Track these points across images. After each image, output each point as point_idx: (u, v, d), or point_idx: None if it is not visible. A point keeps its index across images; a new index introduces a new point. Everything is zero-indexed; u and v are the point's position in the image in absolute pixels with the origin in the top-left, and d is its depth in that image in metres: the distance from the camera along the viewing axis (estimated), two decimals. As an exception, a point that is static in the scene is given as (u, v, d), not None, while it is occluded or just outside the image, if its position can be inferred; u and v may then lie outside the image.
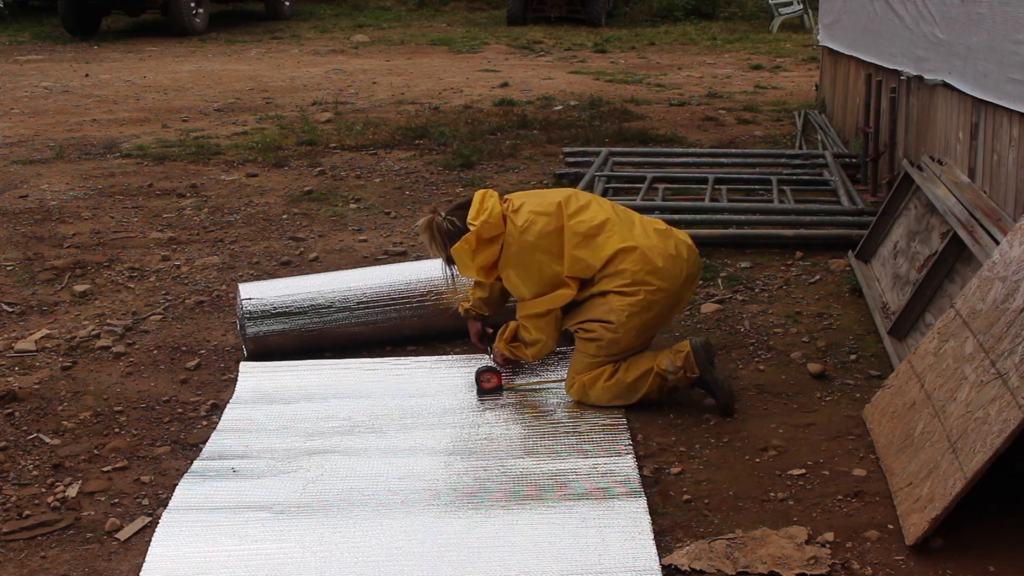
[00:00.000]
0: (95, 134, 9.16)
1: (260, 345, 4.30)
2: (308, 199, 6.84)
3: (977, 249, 3.94)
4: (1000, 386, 2.94)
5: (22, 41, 16.65)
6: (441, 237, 3.92)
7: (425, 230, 3.95)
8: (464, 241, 3.83)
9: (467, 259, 3.87)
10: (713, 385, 3.79)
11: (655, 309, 3.82)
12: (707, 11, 19.64)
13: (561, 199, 3.91)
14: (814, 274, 5.24)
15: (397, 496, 3.27)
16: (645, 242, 3.83)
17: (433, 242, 3.95)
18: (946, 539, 2.95)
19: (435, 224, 3.92)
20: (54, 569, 2.97)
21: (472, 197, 3.95)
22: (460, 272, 4.00)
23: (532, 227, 3.83)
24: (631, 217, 3.96)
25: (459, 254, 3.87)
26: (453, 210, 3.95)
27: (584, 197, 3.98)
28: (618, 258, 3.79)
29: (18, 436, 3.75)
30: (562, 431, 3.69)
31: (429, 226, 3.93)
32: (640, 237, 3.84)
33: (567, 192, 4.00)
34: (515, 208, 3.91)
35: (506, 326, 4.09)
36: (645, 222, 3.96)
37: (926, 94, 5.79)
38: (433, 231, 3.92)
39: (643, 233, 3.87)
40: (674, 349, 3.84)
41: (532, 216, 3.85)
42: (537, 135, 8.79)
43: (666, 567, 2.88)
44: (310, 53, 15.13)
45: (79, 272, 5.48)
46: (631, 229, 3.87)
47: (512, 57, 14.70)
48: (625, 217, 3.94)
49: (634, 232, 3.86)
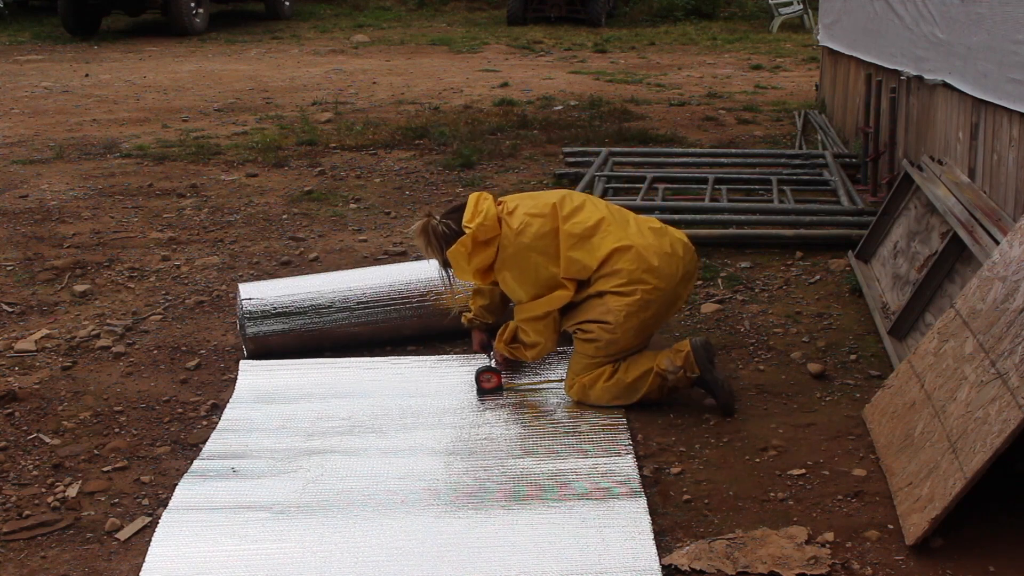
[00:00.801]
0: (95, 134, 9.16)
1: (260, 345, 4.30)
2: (308, 199, 6.84)
3: (977, 249, 3.94)
4: (1000, 386, 2.94)
5: (22, 41, 16.65)
6: (437, 240, 3.90)
7: (420, 234, 3.93)
8: (460, 244, 3.82)
9: (463, 262, 3.87)
10: (713, 385, 3.78)
11: (652, 308, 3.82)
12: (707, 11, 19.64)
13: (555, 200, 3.91)
14: (814, 274, 5.24)
15: (397, 496, 3.27)
16: (640, 241, 3.83)
17: (429, 246, 3.93)
18: (946, 539, 2.95)
19: (430, 227, 3.90)
20: (54, 569, 2.97)
21: (467, 200, 3.94)
22: (456, 275, 4.00)
23: (527, 229, 3.83)
24: (625, 216, 3.96)
25: (455, 257, 3.86)
26: (448, 213, 3.94)
27: (578, 198, 3.97)
28: (614, 258, 3.79)
29: (18, 436, 3.75)
30: (562, 431, 3.69)
31: (424, 230, 3.91)
32: (635, 236, 3.84)
33: (561, 193, 3.99)
34: (510, 210, 3.91)
35: (505, 326, 4.08)
36: (640, 221, 3.96)
37: (926, 94, 5.79)
38: (428, 235, 3.90)
39: (638, 232, 3.87)
40: (674, 349, 3.84)
41: (527, 218, 3.85)
42: (537, 135, 8.79)
43: (666, 567, 2.88)
44: (310, 53, 15.13)
45: (79, 272, 5.48)
46: (626, 228, 3.87)
47: (512, 57, 14.71)
48: (620, 216, 3.94)
49: (629, 231, 3.86)
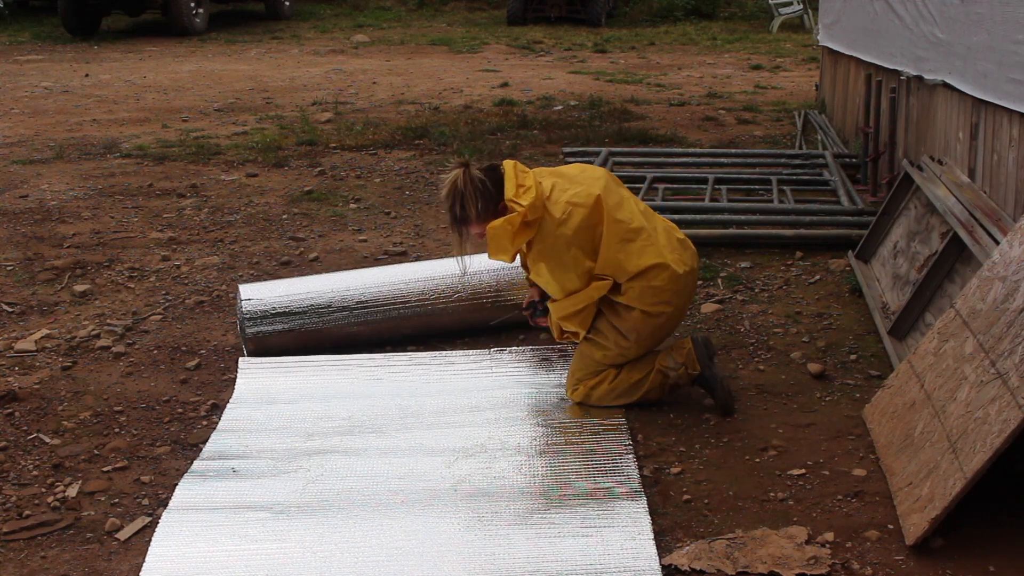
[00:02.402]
0: (95, 134, 9.16)
1: (260, 346, 4.30)
2: (308, 199, 6.84)
3: (977, 249, 3.94)
4: (1000, 386, 2.94)
5: (22, 41, 16.65)
6: (475, 193, 3.53)
7: (452, 184, 3.54)
8: (508, 221, 3.51)
9: (506, 241, 3.56)
10: (712, 382, 3.76)
11: (668, 326, 3.82)
12: (707, 11, 19.64)
13: (599, 191, 3.64)
14: (814, 274, 5.24)
15: (397, 496, 3.27)
16: (671, 256, 3.71)
17: (460, 199, 3.53)
18: (946, 539, 2.95)
19: (470, 177, 3.52)
20: (54, 569, 2.97)
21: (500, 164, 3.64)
22: (490, 252, 3.64)
23: (570, 220, 3.58)
24: (655, 223, 3.81)
25: (499, 234, 3.53)
26: (485, 170, 3.61)
27: (616, 188, 3.75)
28: (651, 273, 3.66)
29: (18, 436, 3.75)
30: (562, 431, 3.69)
31: (462, 179, 3.51)
32: (667, 251, 3.71)
33: (598, 177, 3.72)
34: (548, 194, 3.62)
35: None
36: (668, 230, 3.82)
37: (926, 94, 5.79)
38: (467, 185, 3.52)
39: (668, 245, 3.74)
40: (675, 346, 3.84)
41: (570, 207, 3.59)
42: (537, 135, 8.79)
43: (666, 567, 2.88)
44: (310, 53, 15.13)
45: (79, 272, 5.48)
46: (659, 239, 3.73)
47: (512, 57, 14.70)
48: (651, 223, 3.77)
49: (662, 244, 3.71)
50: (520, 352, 4.27)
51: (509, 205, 3.57)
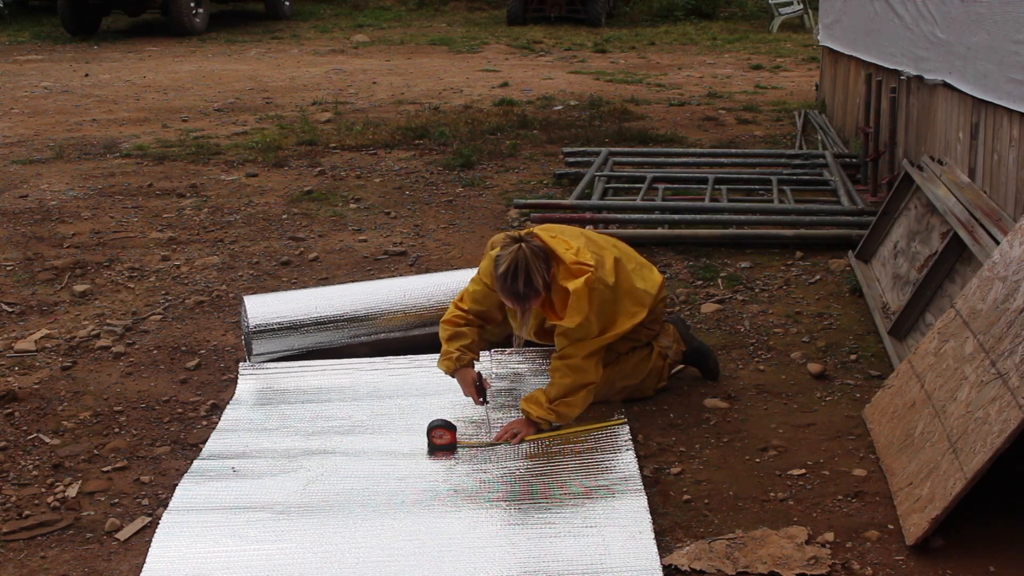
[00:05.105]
0: (95, 134, 9.16)
1: (264, 360, 4.23)
2: (308, 199, 6.84)
3: (977, 249, 3.94)
4: (1000, 386, 2.94)
5: (22, 41, 16.65)
6: (539, 264, 3.41)
7: (513, 260, 3.41)
8: (585, 283, 3.43)
9: (585, 302, 3.47)
10: (702, 350, 4.03)
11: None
12: (707, 11, 19.63)
13: (614, 258, 3.66)
14: (814, 274, 5.24)
15: (397, 496, 3.27)
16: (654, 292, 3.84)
17: (526, 274, 3.41)
18: (946, 539, 2.95)
19: (532, 249, 3.42)
20: (54, 569, 2.97)
21: (526, 232, 3.55)
22: (568, 318, 3.46)
23: (613, 278, 3.62)
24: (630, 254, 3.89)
25: (581, 298, 3.44)
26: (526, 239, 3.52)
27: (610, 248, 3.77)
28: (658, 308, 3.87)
29: (18, 436, 3.75)
30: (563, 431, 3.68)
31: (528, 253, 3.41)
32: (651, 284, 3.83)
33: (608, 247, 3.74)
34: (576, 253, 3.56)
35: (530, 396, 3.67)
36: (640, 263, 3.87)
37: (926, 94, 5.79)
38: (532, 259, 3.41)
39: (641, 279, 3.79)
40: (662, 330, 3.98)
41: (609, 270, 3.62)
42: (537, 135, 8.79)
43: (666, 567, 2.88)
44: (310, 53, 15.13)
45: (79, 272, 5.48)
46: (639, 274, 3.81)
47: (512, 57, 14.70)
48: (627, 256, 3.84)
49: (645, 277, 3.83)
50: (521, 352, 4.27)
51: (574, 268, 3.48)
